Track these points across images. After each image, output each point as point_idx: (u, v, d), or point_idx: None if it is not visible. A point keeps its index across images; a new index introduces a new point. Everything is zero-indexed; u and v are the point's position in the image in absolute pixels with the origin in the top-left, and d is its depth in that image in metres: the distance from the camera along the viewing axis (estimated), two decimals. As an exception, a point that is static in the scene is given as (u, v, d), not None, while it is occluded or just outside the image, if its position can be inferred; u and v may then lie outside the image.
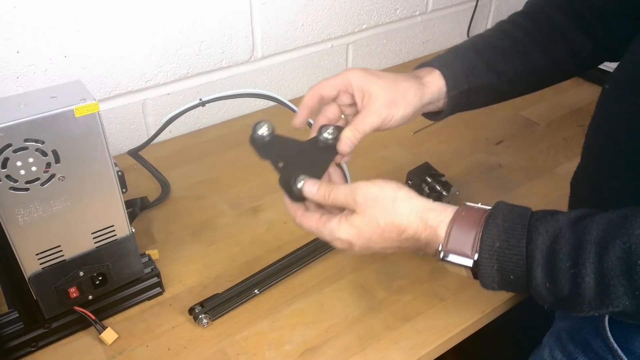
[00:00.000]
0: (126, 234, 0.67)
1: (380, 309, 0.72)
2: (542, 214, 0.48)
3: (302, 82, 1.22)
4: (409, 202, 0.51)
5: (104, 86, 0.96)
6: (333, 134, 0.60)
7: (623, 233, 0.43)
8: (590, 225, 0.45)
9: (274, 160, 0.59)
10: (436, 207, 0.51)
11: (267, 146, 0.59)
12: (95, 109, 0.56)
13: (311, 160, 0.60)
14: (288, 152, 0.60)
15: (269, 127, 0.59)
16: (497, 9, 1.49)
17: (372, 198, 0.52)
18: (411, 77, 0.65)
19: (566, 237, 0.45)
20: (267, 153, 0.59)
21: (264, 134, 0.59)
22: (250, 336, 0.69)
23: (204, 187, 0.94)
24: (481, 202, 0.51)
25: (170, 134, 1.07)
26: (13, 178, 0.55)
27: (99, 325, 0.68)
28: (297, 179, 0.58)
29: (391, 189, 0.53)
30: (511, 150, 1.04)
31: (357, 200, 0.52)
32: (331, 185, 0.55)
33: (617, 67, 0.59)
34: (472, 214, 0.49)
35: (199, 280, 0.76)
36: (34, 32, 0.85)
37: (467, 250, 0.48)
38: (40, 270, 0.62)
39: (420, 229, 0.51)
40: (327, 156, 0.60)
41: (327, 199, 0.55)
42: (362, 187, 0.53)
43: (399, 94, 0.61)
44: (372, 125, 0.61)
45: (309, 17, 1.15)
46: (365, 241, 0.53)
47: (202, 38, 1.02)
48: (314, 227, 0.56)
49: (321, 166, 0.59)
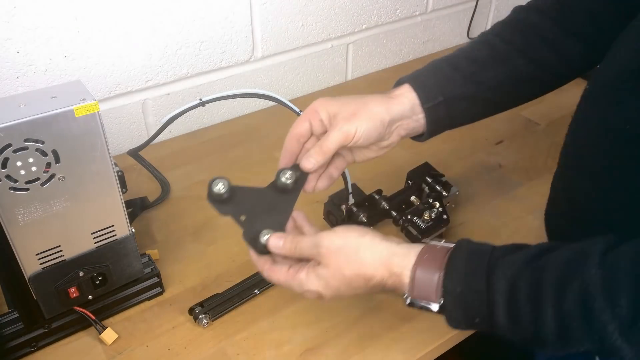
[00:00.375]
0: (126, 234, 0.67)
1: (380, 309, 0.72)
2: (501, 252, 0.47)
3: (302, 82, 1.22)
4: (372, 250, 0.51)
5: (104, 86, 0.96)
6: (291, 177, 0.60)
7: (579, 273, 0.42)
8: (547, 265, 0.44)
9: (236, 215, 0.58)
10: (399, 250, 0.51)
11: (227, 201, 0.58)
12: (95, 109, 0.56)
13: (274, 206, 0.59)
14: (249, 202, 0.59)
15: (224, 183, 0.58)
16: (497, 9, 1.49)
17: (335, 249, 0.52)
18: (377, 94, 0.65)
19: (524, 279, 0.45)
20: (227, 208, 0.58)
21: (221, 191, 0.58)
22: (250, 336, 0.69)
23: (204, 187, 0.94)
24: (445, 241, 0.52)
25: (170, 134, 1.07)
26: (13, 178, 0.55)
27: (99, 325, 0.68)
28: (261, 234, 0.57)
29: (354, 237, 0.53)
30: (511, 150, 1.04)
31: (321, 252, 0.53)
32: (296, 237, 0.55)
33: (597, 68, 0.58)
34: (435, 257, 0.49)
35: (199, 280, 0.76)
36: (34, 32, 0.85)
37: (431, 296, 0.49)
38: (40, 270, 0.62)
39: (385, 277, 0.51)
40: (289, 199, 0.60)
41: (293, 252, 0.55)
42: (326, 237, 0.53)
43: (360, 107, 0.61)
44: (334, 140, 0.60)
45: (309, 17, 1.14)
46: (335, 291, 0.53)
47: (202, 38, 1.02)
48: (282, 280, 0.56)
49: (285, 211, 0.59)
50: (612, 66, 0.54)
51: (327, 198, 0.84)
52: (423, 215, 0.77)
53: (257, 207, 0.58)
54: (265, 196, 0.60)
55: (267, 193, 0.60)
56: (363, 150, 0.66)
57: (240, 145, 1.05)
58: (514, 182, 0.95)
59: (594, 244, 0.43)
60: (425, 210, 0.78)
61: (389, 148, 0.66)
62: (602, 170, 0.53)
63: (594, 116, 0.54)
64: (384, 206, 0.82)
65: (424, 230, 0.76)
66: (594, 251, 0.43)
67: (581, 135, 0.57)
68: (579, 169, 0.58)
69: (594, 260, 0.42)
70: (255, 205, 0.59)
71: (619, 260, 0.41)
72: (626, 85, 0.49)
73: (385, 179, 0.83)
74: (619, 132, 0.50)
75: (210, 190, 0.58)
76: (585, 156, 0.56)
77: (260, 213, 0.58)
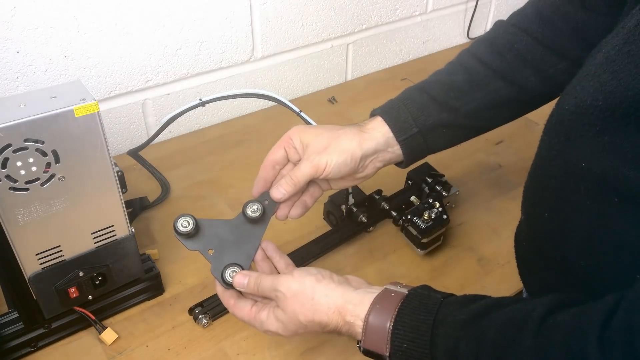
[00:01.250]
0: (126, 234, 0.67)
1: (380, 309, 0.72)
2: (447, 309, 0.47)
3: (302, 82, 1.22)
4: (326, 297, 0.52)
5: (104, 86, 0.96)
6: (258, 210, 0.61)
7: (516, 342, 0.42)
8: (489, 328, 0.44)
9: (204, 250, 0.58)
10: (353, 298, 0.51)
11: (195, 236, 0.59)
12: (95, 109, 0.56)
13: (242, 238, 0.60)
14: (217, 235, 0.59)
15: (189, 221, 0.58)
16: (497, 9, 1.49)
17: (292, 295, 0.53)
18: (352, 126, 0.65)
19: (465, 341, 0.45)
20: (195, 244, 0.58)
21: (187, 228, 0.58)
22: (250, 336, 0.69)
23: (204, 187, 0.94)
24: (400, 285, 0.52)
25: (170, 134, 1.07)
26: (13, 178, 0.55)
27: (99, 325, 0.68)
28: (227, 270, 0.58)
29: (310, 282, 0.53)
30: (511, 150, 1.04)
31: (279, 296, 0.54)
32: (259, 277, 0.56)
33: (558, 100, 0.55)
34: (386, 307, 0.49)
35: (199, 280, 0.76)
36: (34, 32, 0.85)
37: (381, 349, 0.49)
38: (40, 270, 0.62)
39: (340, 324, 0.52)
40: (258, 230, 0.60)
41: (256, 291, 0.56)
42: (284, 282, 0.54)
43: (332, 141, 0.62)
44: (304, 173, 0.61)
45: (309, 17, 1.15)
46: (292, 333, 0.55)
47: (202, 38, 1.02)
48: (245, 318, 0.57)
49: (253, 242, 0.60)
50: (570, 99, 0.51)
51: (328, 198, 0.84)
52: (423, 215, 0.77)
53: (226, 240, 0.59)
54: (234, 228, 0.60)
55: (235, 224, 0.61)
56: (338, 180, 0.66)
57: (240, 145, 1.05)
58: (514, 182, 0.95)
59: (534, 308, 0.43)
60: (425, 210, 0.78)
61: (365, 179, 0.67)
62: (558, 203, 0.52)
63: (553, 150, 0.52)
64: (383, 206, 0.82)
65: (424, 230, 0.76)
66: (534, 317, 0.42)
67: (541, 168, 0.56)
68: (538, 196, 0.56)
69: (531, 329, 0.41)
70: (224, 238, 0.59)
71: (554, 333, 0.40)
72: (585, 121, 0.47)
73: (386, 179, 0.83)
74: (576, 169, 0.48)
75: (176, 228, 0.58)
76: (544, 185, 0.55)
77: (228, 246, 0.59)
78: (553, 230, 0.53)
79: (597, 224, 0.47)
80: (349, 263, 0.79)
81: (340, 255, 0.81)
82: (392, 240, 0.83)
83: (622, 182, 0.43)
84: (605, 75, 0.45)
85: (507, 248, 0.81)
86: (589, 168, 0.46)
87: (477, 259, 0.81)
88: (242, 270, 0.58)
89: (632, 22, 0.45)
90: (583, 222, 0.49)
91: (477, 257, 0.81)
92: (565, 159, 0.49)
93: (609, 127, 0.44)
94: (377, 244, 0.83)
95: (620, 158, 0.43)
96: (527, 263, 0.61)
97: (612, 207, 0.45)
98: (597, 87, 0.46)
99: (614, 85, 0.44)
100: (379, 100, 0.64)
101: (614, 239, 0.46)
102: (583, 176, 0.47)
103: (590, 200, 0.47)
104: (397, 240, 0.83)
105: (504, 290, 0.75)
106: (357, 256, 0.81)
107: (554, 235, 0.52)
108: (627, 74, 0.43)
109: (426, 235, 0.77)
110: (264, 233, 0.61)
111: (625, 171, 0.43)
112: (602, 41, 0.50)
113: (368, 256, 0.81)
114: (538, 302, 0.43)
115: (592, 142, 0.46)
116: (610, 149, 0.44)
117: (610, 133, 0.44)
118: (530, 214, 0.58)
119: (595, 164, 0.45)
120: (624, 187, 0.43)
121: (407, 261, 0.80)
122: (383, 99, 0.70)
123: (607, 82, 0.45)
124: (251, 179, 0.64)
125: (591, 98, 0.46)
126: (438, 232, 0.78)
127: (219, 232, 0.60)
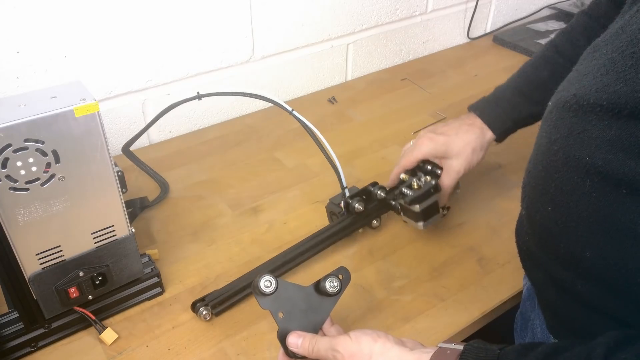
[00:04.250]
0: (126, 234, 0.67)
1: (380, 309, 0.72)
2: (508, 358, 0.47)
3: (302, 82, 1.22)
4: (383, 357, 0.52)
5: (104, 86, 0.96)
6: (335, 287, 0.61)
7: None
8: None
9: (275, 312, 0.59)
10: (411, 357, 0.52)
11: (269, 295, 0.59)
12: (95, 109, 0.56)
13: (312, 308, 0.60)
14: (289, 300, 0.60)
15: (272, 281, 0.59)
16: (497, 9, 1.49)
17: (350, 355, 0.53)
18: (470, 128, 0.81)
19: None
20: (268, 303, 0.59)
21: (269, 288, 0.59)
22: (250, 336, 0.69)
23: (204, 187, 0.94)
24: (455, 343, 0.51)
25: (170, 134, 1.07)
26: (13, 178, 0.55)
27: (99, 325, 0.68)
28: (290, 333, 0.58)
29: (367, 342, 0.53)
30: (511, 150, 1.04)
31: (337, 357, 0.54)
32: (314, 338, 0.56)
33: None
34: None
35: (199, 280, 0.76)
36: (34, 32, 0.85)
37: None
38: (40, 270, 0.62)
39: None
40: (329, 303, 0.61)
41: (310, 353, 0.56)
42: (341, 342, 0.54)
43: (462, 148, 0.80)
44: (447, 184, 0.79)
45: (309, 17, 1.15)
46: None
47: (202, 38, 1.02)
48: None
49: (322, 315, 0.60)
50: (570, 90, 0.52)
51: (328, 201, 0.84)
52: (412, 186, 0.77)
53: (297, 307, 0.60)
54: (306, 296, 0.61)
55: (308, 292, 0.61)
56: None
57: (240, 145, 1.05)
58: (514, 182, 0.95)
59: (595, 348, 0.43)
60: (414, 181, 0.78)
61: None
62: (559, 194, 0.53)
63: (555, 145, 0.53)
64: (379, 195, 0.82)
65: (414, 199, 0.76)
66: (595, 357, 0.42)
67: (542, 164, 0.56)
68: (540, 190, 0.57)
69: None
70: (295, 304, 0.60)
71: None
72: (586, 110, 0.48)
73: (386, 179, 0.84)
74: (579, 163, 0.49)
75: (259, 287, 0.58)
76: (547, 180, 0.55)
77: (297, 313, 0.59)
78: (557, 224, 0.53)
79: (604, 215, 0.47)
80: (349, 263, 0.79)
81: (340, 255, 0.81)
82: (392, 241, 0.83)
83: (629, 175, 0.44)
84: (609, 76, 0.46)
85: (507, 248, 0.81)
86: (594, 162, 0.47)
87: (477, 259, 0.80)
88: (295, 331, 0.58)
89: (635, 24, 0.46)
90: (588, 215, 0.49)
91: (477, 257, 0.81)
92: (568, 154, 0.50)
93: (614, 123, 0.45)
94: (377, 244, 0.83)
95: (625, 151, 0.44)
96: (531, 257, 0.61)
97: (620, 198, 0.45)
98: (600, 87, 0.46)
99: (619, 86, 0.44)
100: (379, 100, 0.64)
101: (622, 229, 0.46)
102: (587, 170, 0.47)
103: (596, 193, 0.47)
104: (397, 240, 0.83)
105: (504, 290, 0.75)
106: (357, 256, 0.81)
107: (558, 229, 0.53)
108: (633, 75, 0.44)
109: (416, 202, 0.76)
110: (334, 307, 0.61)
111: (632, 164, 0.43)
112: (597, 41, 0.51)
113: (368, 256, 0.81)
114: (596, 343, 0.43)
115: (596, 136, 0.46)
116: (616, 143, 0.45)
117: (616, 128, 0.45)
118: (532, 209, 0.58)
119: (600, 158, 0.46)
120: (630, 179, 0.44)
121: (407, 261, 0.80)
122: (383, 99, 0.71)
123: (611, 83, 0.45)
124: (251, 179, 0.64)
125: (594, 97, 0.47)
126: (430, 199, 0.77)
127: (292, 297, 0.60)
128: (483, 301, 0.73)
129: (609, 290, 0.49)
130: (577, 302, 0.53)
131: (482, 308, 0.72)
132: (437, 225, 0.85)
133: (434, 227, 0.85)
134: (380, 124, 1.12)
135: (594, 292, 0.51)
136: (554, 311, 0.59)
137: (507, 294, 0.75)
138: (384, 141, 1.06)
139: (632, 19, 0.47)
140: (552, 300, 0.58)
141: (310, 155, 1.00)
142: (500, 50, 1.44)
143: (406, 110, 1.16)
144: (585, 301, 0.52)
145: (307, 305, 0.60)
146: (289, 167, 0.99)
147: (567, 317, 0.56)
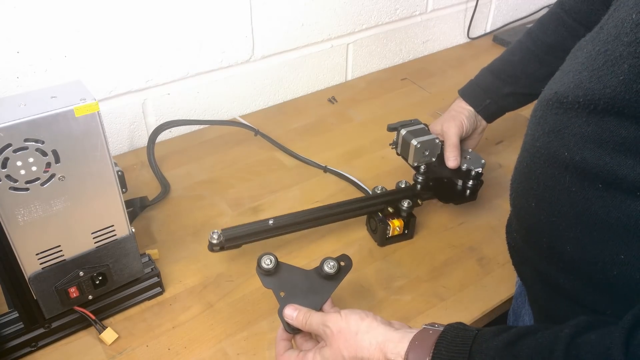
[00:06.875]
0: (126, 234, 0.67)
1: (380, 309, 0.72)
2: (483, 337, 0.49)
3: (302, 82, 1.22)
4: (369, 334, 0.54)
5: (104, 86, 0.96)
6: (334, 267, 0.63)
7: None
8: (520, 354, 0.46)
9: (276, 290, 0.62)
10: (394, 336, 0.54)
11: (272, 275, 0.63)
12: (95, 109, 0.56)
13: (313, 289, 0.63)
14: (291, 281, 0.63)
15: (272, 259, 0.63)
16: (497, 9, 1.49)
17: (337, 331, 0.56)
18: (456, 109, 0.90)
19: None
20: (271, 282, 0.63)
21: (269, 265, 0.63)
22: (250, 336, 0.69)
23: (204, 187, 0.94)
24: (437, 324, 0.53)
25: (170, 133, 1.07)
26: (13, 178, 0.55)
27: (99, 325, 0.68)
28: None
29: (355, 320, 0.56)
30: (511, 150, 1.04)
31: (326, 332, 0.56)
32: (308, 312, 0.59)
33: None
34: (424, 343, 0.51)
35: (199, 280, 0.76)
36: (34, 32, 0.85)
37: None
38: (40, 270, 0.62)
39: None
40: (330, 285, 0.63)
41: (304, 324, 0.59)
42: (332, 318, 0.57)
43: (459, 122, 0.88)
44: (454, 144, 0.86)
45: (309, 17, 1.15)
46: None
47: (202, 38, 1.02)
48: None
49: (322, 296, 0.62)
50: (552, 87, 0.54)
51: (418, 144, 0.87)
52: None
53: (298, 287, 0.63)
54: (308, 278, 0.63)
55: (310, 275, 0.64)
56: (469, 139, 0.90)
57: (240, 145, 1.05)
58: (514, 182, 0.95)
59: (562, 329, 0.45)
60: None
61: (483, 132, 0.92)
62: (544, 191, 0.54)
63: (538, 142, 0.55)
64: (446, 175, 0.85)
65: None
66: (562, 338, 0.44)
67: (526, 161, 0.58)
68: (524, 187, 0.58)
69: (561, 349, 0.43)
70: (297, 285, 0.63)
71: (582, 351, 0.42)
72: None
73: (386, 179, 0.84)
74: (559, 159, 0.51)
75: (259, 264, 0.63)
76: (530, 176, 0.56)
77: (299, 293, 0.62)
78: (540, 219, 0.55)
79: (582, 209, 0.49)
80: (349, 263, 0.79)
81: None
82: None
83: (604, 170, 0.46)
84: (585, 74, 0.48)
85: (507, 248, 0.81)
86: (572, 157, 0.49)
87: (477, 259, 0.81)
88: (292, 304, 0.60)
89: (612, 22, 0.48)
90: (568, 209, 0.51)
91: (477, 257, 0.81)
92: (549, 150, 0.52)
93: (592, 119, 0.47)
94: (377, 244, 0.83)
95: (601, 147, 0.46)
96: (519, 253, 0.63)
97: (597, 192, 0.47)
98: (577, 83, 0.49)
99: (593, 83, 0.47)
100: (379, 100, 0.64)
101: (598, 223, 0.48)
102: (567, 165, 0.50)
103: (575, 188, 0.49)
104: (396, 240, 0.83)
105: (504, 290, 0.75)
106: (357, 256, 0.81)
107: (541, 224, 0.55)
108: (605, 72, 0.46)
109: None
110: (335, 289, 0.63)
111: (607, 159, 0.45)
112: (582, 39, 0.52)
113: (368, 256, 0.81)
114: (566, 325, 0.45)
115: (575, 133, 0.49)
116: (592, 139, 0.47)
117: (593, 124, 0.47)
118: (518, 205, 0.60)
119: (578, 154, 0.48)
120: (605, 174, 0.46)
121: (407, 261, 0.80)
122: (383, 98, 0.71)
123: (586, 80, 0.48)
124: (251, 179, 0.64)
125: (572, 94, 0.49)
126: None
127: (295, 278, 0.63)
128: (483, 301, 0.74)
129: (588, 283, 0.51)
130: (561, 296, 0.55)
131: (482, 308, 0.72)
132: (437, 225, 0.86)
133: (434, 227, 0.85)
134: (381, 124, 1.11)
135: (575, 286, 0.52)
136: (541, 305, 0.61)
137: (507, 293, 0.75)
138: (384, 141, 1.05)
139: (610, 18, 0.49)
140: (539, 295, 0.60)
141: (310, 155, 1.00)
142: (500, 50, 1.42)
143: (406, 110, 1.16)
144: (568, 295, 0.54)
145: (308, 287, 0.63)
146: (289, 167, 0.99)
147: (553, 311, 0.57)
